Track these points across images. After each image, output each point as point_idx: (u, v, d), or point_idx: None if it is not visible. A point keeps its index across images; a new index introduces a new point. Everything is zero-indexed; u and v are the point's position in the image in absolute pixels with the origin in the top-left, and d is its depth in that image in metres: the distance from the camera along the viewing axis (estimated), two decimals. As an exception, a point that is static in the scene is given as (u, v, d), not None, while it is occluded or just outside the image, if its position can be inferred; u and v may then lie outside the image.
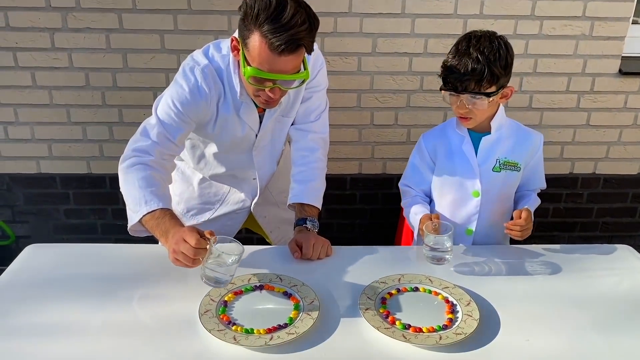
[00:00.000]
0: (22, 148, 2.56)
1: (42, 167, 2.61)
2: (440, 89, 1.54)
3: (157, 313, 1.30)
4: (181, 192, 1.84)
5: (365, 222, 2.79)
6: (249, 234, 2.07)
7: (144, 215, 1.39)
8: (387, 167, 2.67)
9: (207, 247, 1.29)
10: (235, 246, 1.32)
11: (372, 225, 2.79)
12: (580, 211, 2.85)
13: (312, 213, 1.66)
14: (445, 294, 1.39)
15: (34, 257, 1.53)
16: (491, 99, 1.50)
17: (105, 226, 2.71)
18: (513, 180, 1.68)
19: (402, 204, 1.78)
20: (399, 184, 1.81)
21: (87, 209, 2.69)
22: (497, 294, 1.41)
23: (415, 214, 1.68)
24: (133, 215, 1.42)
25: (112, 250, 1.59)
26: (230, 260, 1.29)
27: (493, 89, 1.50)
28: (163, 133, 1.50)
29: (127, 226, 1.46)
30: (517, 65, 1.52)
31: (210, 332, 1.22)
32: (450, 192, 1.69)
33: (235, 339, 1.20)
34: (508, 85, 1.55)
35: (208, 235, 1.30)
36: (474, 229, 1.69)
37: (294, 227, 1.65)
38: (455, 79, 1.49)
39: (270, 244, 1.96)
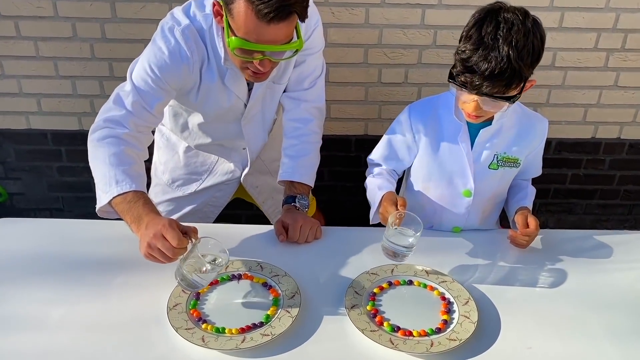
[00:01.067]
0: (10, 102, 2.44)
1: (32, 122, 2.49)
2: (449, 81, 1.27)
3: (124, 304, 1.20)
4: (166, 161, 1.71)
5: (372, 185, 2.65)
6: (239, 208, 1.94)
7: (114, 197, 1.25)
8: (396, 128, 2.49)
9: (188, 246, 1.17)
10: (220, 254, 1.19)
11: (378, 188, 2.64)
12: (600, 178, 2.66)
13: (303, 190, 1.52)
14: (441, 290, 1.26)
15: (1, 233, 1.42)
16: (514, 102, 1.26)
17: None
18: (510, 177, 1.50)
19: (366, 174, 1.57)
20: (367, 159, 1.59)
21: (80, 166, 2.58)
22: (498, 289, 1.28)
23: (378, 187, 1.43)
24: (102, 196, 1.28)
25: (87, 227, 1.47)
26: (210, 268, 1.17)
27: (517, 90, 1.24)
28: (139, 102, 1.35)
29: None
30: (541, 19, 1.26)
31: (177, 331, 1.11)
32: (436, 187, 1.48)
33: (203, 340, 1.09)
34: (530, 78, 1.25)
35: (192, 236, 1.18)
36: (462, 228, 1.51)
37: (282, 205, 1.51)
38: (474, 79, 1.20)
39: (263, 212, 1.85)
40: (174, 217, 1.71)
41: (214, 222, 1.76)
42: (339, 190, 2.66)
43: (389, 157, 1.51)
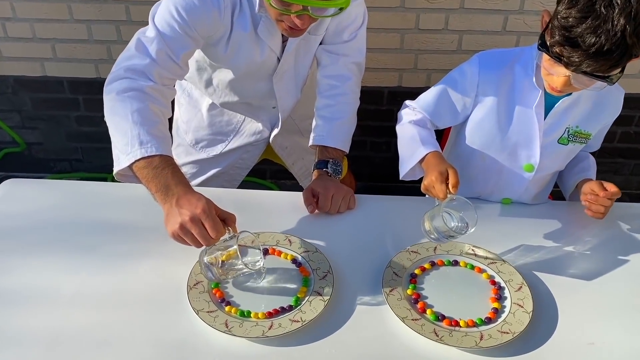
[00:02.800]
0: (24, 48, 2.31)
1: (47, 69, 2.37)
2: (540, 48, 1.06)
3: (141, 279, 1.09)
4: (188, 120, 1.57)
5: (403, 141, 2.49)
6: (262, 162, 1.80)
7: (137, 160, 1.09)
8: (432, 79, 2.30)
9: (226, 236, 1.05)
10: (255, 255, 1.08)
11: (411, 144, 2.48)
12: (654, 137, 2.46)
13: (337, 155, 1.38)
14: (491, 272, 1.13)
15: (8, 196, 1.31)
16: (614, 84, 1.05)
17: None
18: (575, 153, 1.33)
19: (399, 117, 1.35)
20: (406, 102, 1.37)
21: (99, 116, 2.39)
22: (555, 273, 1.14)
23: (421, 141, 1.22)
24: (122, 158, 1.11)
25: (103, 189, 1.36)
26: (243, 271, 1.06)
27: (620, 69, 1.03)
28: (164, 49, 1.18)
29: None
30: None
31: (198, 314, 1.00)
32: (494, 157, 1.29)
33: (227, 325, 0.99)
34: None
35: (230, 226, 1.06)
36: (512, 200, 1.35)
37: (312, 170, 1.37)
38: (575, 54, 0.99)
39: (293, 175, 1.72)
40: (198, 180, 1.59)
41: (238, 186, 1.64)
42: (368, 145, 2.52)
43: (435, 113, 1.31)
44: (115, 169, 1.12)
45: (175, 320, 1.01)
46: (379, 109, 2.40)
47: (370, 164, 2.56)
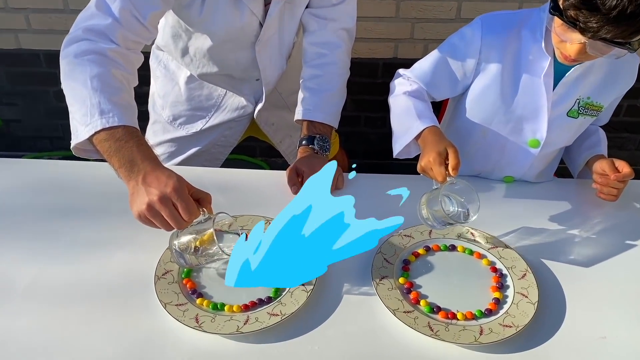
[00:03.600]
0: (-4, 19, 2.18)
1: (21, 42, 2.24)
2: (552, 12, 0.95)
3: (104, 268, 0.99)
4: (165, 94, 1.44)
5: (400, 116, 2.37)
6: (253, 139, 1.68)
7: (97, 132, 0.96)
8: (430, 50, 2.16)
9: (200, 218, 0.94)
10: (234, 244, 0.96)
11: (407, 120, 2.37)
12: (661, 110, 2.35)
13: (324, 131, 1.26)
14: (492, 258, 1.02)
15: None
16: (634, 51, 0.94)
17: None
18: (584, 128, 1.21)
19: (392, 87, 1.24)
20: (399, 71, 1.26)
21: None
22: (563, 259, 1.04)
23: (418, 115, 1.10)
24: (81, 130, 0.98)
25: (65, 169, 1.25)
26: (220, 258, 0.96)
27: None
28: (128, 8, 1.05)
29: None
30: None
31: (165, 308, 0.90)
32: (497, 132, 1.18)
33: (197, 320, 0.89)
34: None
35: (205, 207, 0.95)
36: (515, 179, 1.25)
37: (298, 147, 1.26)
38: (592, 20, 0.89)
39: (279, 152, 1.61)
40: (177, 160, 1.48)
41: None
42: (362, 121, 2.40)
43: (432, 83, 1.19)
44: (73, 143, 1.00)
45: (140, 316, 0.91)
46: (373, 82, 2.28)
47: (365, 141, 2.44)
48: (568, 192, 1.20)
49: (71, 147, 1.02)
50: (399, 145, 1.13)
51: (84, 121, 0.97)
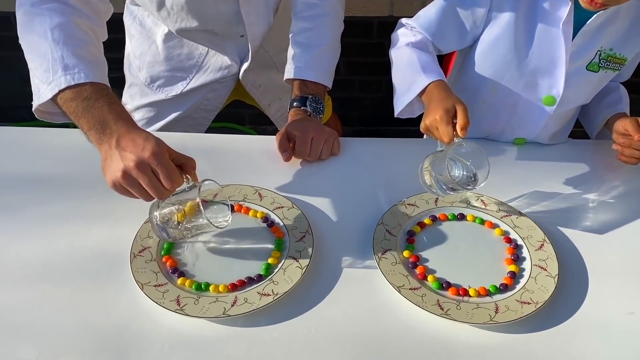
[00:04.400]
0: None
1: (-10, 3, 2.09)
2: None
3: (76, 246, 0.88)
4: (142, 54, 1.32)
5: (396, 80, 2.26)
6: (241, 106, 1.57)
7: (62, 90, 0.84)
8: (428, 7, 2.05)
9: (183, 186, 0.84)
10: (223, 214, 0.87)
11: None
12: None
13: (317, 91, 1.15)
14: (505, 227, 0.93)
15: None
16: None
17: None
18: (605, 84, 1.09)
19: (394, 39, 1.11)
20: (401, 20, 1.13)
21: None
22: (583, 228, 0.94)
23: (422, 67, 0.99)
24: (43, 88, 0.86)
25: (32, 136, 1.14)
26: (206, 230, 0.86)
27: None
28: None
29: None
30: None
31: (143, 289, 0.80)
32: (509, 88, 1.06)
33: (179, 302, 0.79)
34: None
35: (189, 174, 0.84)
36: (527, 140, 1.14)
37: (288, 109, 1.15)
38: None
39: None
40: (157, 126, 1.36)
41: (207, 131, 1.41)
42: (356, 85, 2.28)
43: (438, 33, 1.07)
44: (35, 104, 0.89)
45: (114, 298, 0.81)
46: (368, 43, 2.15)
47: (359, 106, 2.32)
48: (585, 155, 1.10)
49: (33, 109, 0.91)
50: (401, 102, 1.01)
51: (45, 79, 0.85)
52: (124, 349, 0.74)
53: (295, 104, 1.13)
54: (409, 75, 1.00)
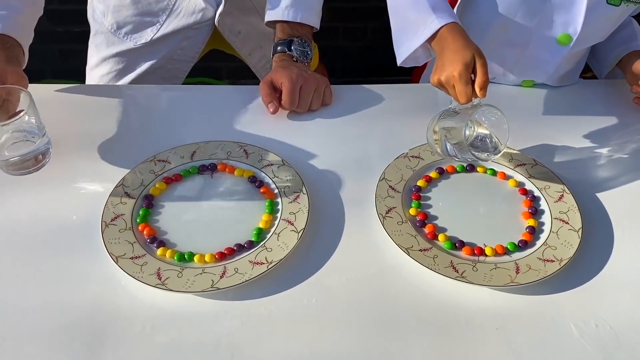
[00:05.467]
0: None
1: None
2: None
3: (37, 213, 0.77)
4: (106, -4, 1.18)
5: (383, 25, 2.12)
6: (218, 59, 1.44)
7: None
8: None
9: None
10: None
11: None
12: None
13: (303, 33, 1.03)
14: (519, 178, 0.84)
15: None
16: None
17: (41, 34, 2.06)
18: (624, 18, 0.98)
19: None
20: None
21: None
22: (603, 176, 0.86)
23: (432, 6, 0.84)
24: None
25: None
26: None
27: None
28: None
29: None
30: None
31: (117, 263, 0.70)
32: (521, 25, 0.95)
33: (159, 275, 0.69)
34: None
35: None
36: (535, 82, 1.04)
37: (272, 55, 1.03)
38: None
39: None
40: (128, 78, 1.22)
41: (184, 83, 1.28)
42: (340, 33, 2.15)
43: None
44: None
45: (86, 274, 0.71)
46: (351, -14, 2.01)
47: (343, 56, 2.20)
48: (599, 95, 1.02)
49: None
50: (407, 49, 0.88)
51: None
52: (99, 331, 0.65)
53: (279, 48, 1.01)
54: (415, 15, 0.87)
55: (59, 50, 2.09)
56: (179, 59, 1.25)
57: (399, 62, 0.90)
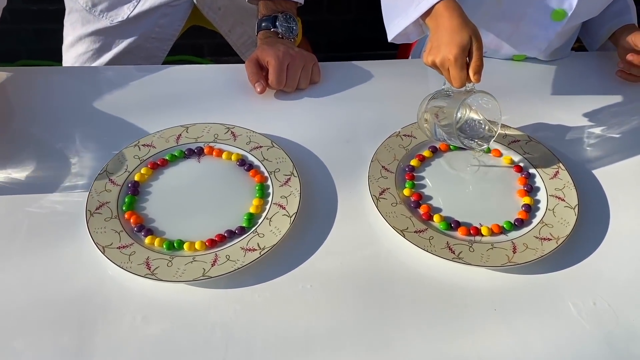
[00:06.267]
0: None
1: None
2: None
3: (17, 202, 0.74)
4: (79, -29, 1.13)
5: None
6: (200, 36, 1.39)
7: None
8: None
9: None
10: None
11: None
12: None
13: (287, 7, 1.00)
14: (515, 156, 0.83)
15: None
16: None
17: (15, 13, 1.99)
18: None
19: None
20: None
21: None
22: (598, 151, 0.85)
23: None
24: None
25: None
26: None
27: None
28: None
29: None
30: None
31: (104, 253, 0.68)
32: (514, 2, 0.93)
33: (149, 265, 0.67)
34: None
35: None
36: (526, 55, 1.02)
37: (257, 32, 0.99)
38: None
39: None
40: (105, 58, 1.18)
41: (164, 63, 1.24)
42: (324, 5, 2.10)
43: None
44: None
45: (72, 266, 0.68)
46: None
47: (327, 30, 2.15)
48: (592, 68, 1.00)
49: None
50: (399, 25, 0.83)
51: None
52: (88, 324, 0.63)
53: (263, 24, 0.98)
54: None
55: (33, 30, 2.02)
56: (158, 37, 1.20)
57: (389, 38, 0.87)
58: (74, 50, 1.18)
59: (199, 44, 2.10)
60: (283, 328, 0.63)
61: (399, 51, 1.41)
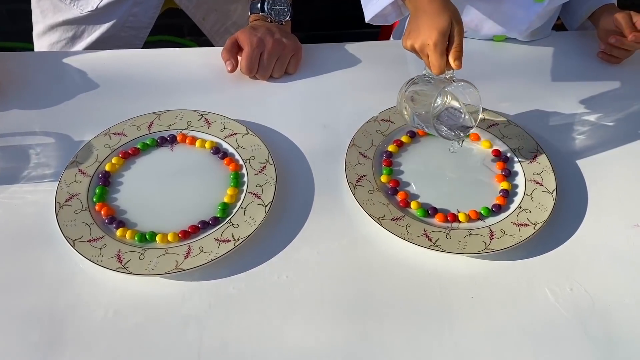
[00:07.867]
0: None
1: None
2: None
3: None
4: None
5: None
6: (180, 15, 1.35)
7: None
8: None
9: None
10: None
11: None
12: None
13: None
14: (494, 140, 0.81)
15: None
16: None
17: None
18: None
19: None
20: None
21: None
22: (578, 134, 0.84)
23: None
24: None
25: None
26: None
27: None
28: None
29: None
30: None
31: (74, 246, 0.66)
32: None
33: (120, 258, 0.65)
34: None
35: None
36: (507, 36, 1.00)
37: (250, 13, 0.97)
38: None
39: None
40: (79, 47, 1.14)
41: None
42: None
43: None
44: None
45: (41, 261, 0.67)
46: None
47: (309, 9, 2.11)
48: (572, 48, 0.99)
49: None
50: (376, 5, 0.81)
51: None
52: (58, 320, 0.61)
53: (255, 7, 0.95)
54: None
55: (7, 11, 1.96)
56: (133, 26, 1.16)
57: (367, 19, 0.85)
58: (47, 38, 1.14)
59: (179, 23, 2.05)
60: (259, 320, 0.62)
61: (382, 30, 1.39)
